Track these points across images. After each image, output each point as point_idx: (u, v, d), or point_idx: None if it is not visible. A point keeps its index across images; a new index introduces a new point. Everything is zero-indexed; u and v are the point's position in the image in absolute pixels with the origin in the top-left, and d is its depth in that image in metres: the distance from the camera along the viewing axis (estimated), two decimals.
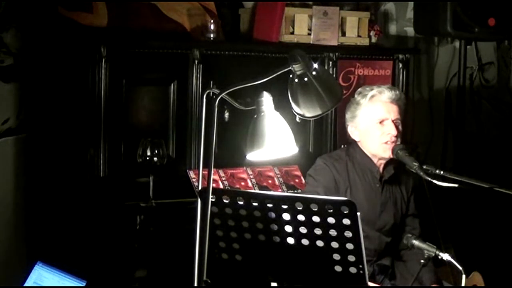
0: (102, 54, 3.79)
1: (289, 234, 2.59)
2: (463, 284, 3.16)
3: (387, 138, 3.53)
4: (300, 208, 2.53)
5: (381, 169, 3.61)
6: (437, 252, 3.19)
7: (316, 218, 2.52)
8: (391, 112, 3.55)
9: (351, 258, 2.54)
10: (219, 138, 3.95)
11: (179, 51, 4.01)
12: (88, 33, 3.94)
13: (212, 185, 2.59)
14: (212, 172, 2.61)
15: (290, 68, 2.64)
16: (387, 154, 3.54)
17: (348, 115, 3.63)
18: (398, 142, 3.55)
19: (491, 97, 5.48)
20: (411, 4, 5.01)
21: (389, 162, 3.61)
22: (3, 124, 4.05)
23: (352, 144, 3.66)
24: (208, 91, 2.71)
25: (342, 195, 3.49)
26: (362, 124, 3.58)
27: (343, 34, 4.48)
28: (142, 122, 3.96)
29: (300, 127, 4.05)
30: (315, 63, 2.67)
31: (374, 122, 3.55)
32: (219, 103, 2.59)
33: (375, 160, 3.60)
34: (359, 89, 3.65)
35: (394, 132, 3.52)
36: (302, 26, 4.37)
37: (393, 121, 3.54)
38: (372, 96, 3.56)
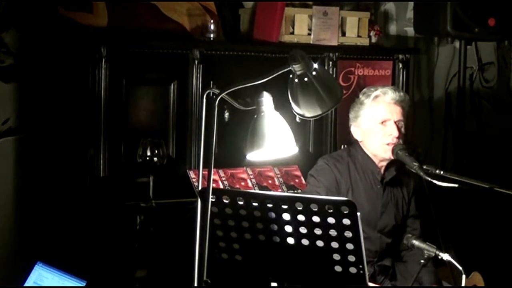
0: (102, 54, 3.79)
1: (289, 234, 2.59)
2: (463, 284, 3.16)
3: (388, 139, 3.52)
4: (300, 208, 2.53)
5: (382, 170, 3.61)
6: (437, 252, 3.19)
7: (316, 218, 2.52)
8: (394, 113, 3.53)
9: (351, 258, 2.54)
10: (219, 138, 3.95)
11: (179, 51, 4.01)
12: (88, 33, 3.94)
13: (212, 185, 2.59)
14: (212, 172, 2.61)
15: (290, 68, 2.64)
16: (388, 154, 3.53)
17: (351, 115, 3.62)
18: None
19: (491, 97, 5.48)
20: (411, 4, 5.01)
21: (391, 164, 3.60)
22: (3, 124, 4.05)
23: (353, 144, 3.66)
24: (208, 91, 2.71)
25: (343, 196, 3.48)
26: (364, 124, 3.57)
27: (343, 34, 4.48)
28: (142, 122, 3.97)
29: (300, 127, 4.05)
30: (315, 63, 2.66)
31: (376, 123, 3.54)
32: (219, 103, 2.59)
33: (376, 161, 3.59)
34: (364, 89, 3.64)
35: (395, 133, 3.51)
36: (302, 26, 4.37)
37: (395, 122, 3.52)
38: (376, 97, 3.55)
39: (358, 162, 3.60)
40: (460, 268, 3.13)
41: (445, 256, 3.17)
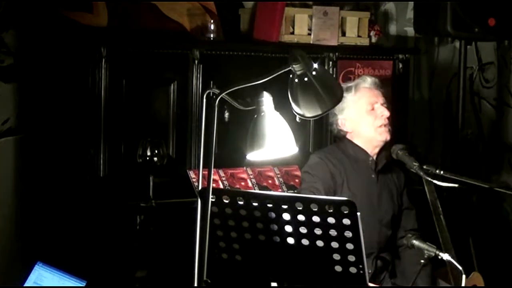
0: (102, 54, 3.79)
1: (289, 234, 2.59)
2: (463, 284, 3.16)
3: (381, 121, 3.59)
4: (300, 208, 2.53)
5: (374, 158, 3.63)
6: (437, 252, 3.19)
7: (316, 218, 2.52)
8: (378, 96, 3.63)
9: (351, 258, 2.54)
10: (219, 138, 3.95)
11: (179, 51, 4.01)
12: (88, 33, 3.94)
13: (212, 185, 2.59)
14: (212, 172, 2.61)
15: (290, 68, 2.64)
16: (384, 136, 3.59)
17: (335, 109, 3.60)
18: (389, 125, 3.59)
19: (491, 97, 5.47)
20: (411, 4, 5.01)
21: (379, 152, 3.63)
22: (3, 124, 4.05)
23: (341, 139, 3.69)
24: (208, 91, 2.71)
25: (339, 188, 3.53)
26: (352, 113, 3.62)
27: (343, 34, 4.48)
28: (142, 122, 3.96)
29: (300, 127, 4.05)
30: (315, 63, 2.67)
31: (365, 109, 3.60)
32: (219, 103, 2.59)
33: (369, 149, 3.62)
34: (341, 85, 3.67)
35: (386, 113, 3.60)
36: (302, 26, 4.37)
37: (381, 104, 3.59)
38: (356, 85, 3.64)
39: (349, 154, 3.64)
40: (460, 268, 3.13)
41: (445, 256, 3.17)
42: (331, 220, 2.51)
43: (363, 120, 3.60)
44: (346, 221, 2.50)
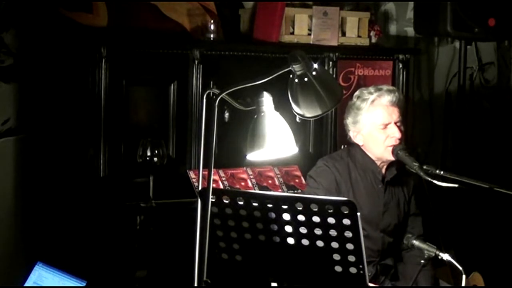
0: (102, 54, 3.79)
1: (289, 234, 2.59)
2: (463, 284, 3.16)
3: (391, 141, 3.50)
4: (300, 208, 2.53)
5: (383, 170, 3.60)
6: (437, 252, 3.19)
7: (316, 218, 2.52)
8: (393, 115, 3.51)
9: (351, 258, 2.54)
10: (219, 138, 3.95)
11: (179, 51, 4.01)
12: (88, 33, 3.94)
13: (212, 185, 2.59)
14: (212, 172, 2.61)
15: (290, 68, 2.64)
16: (392, 156, 3.52)
17: (349, 121, 3.59)
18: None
19: (491, 97, 5.48)
20: (411, 4, 5.01)
21: (391, 164, 3.60)
22: (3, 124, 4.05)
23: (353, 144, 3.64)
24: (208, 91, 2.71)
25: (344, 197, 3.47)
26: (365, 129, 3.55)
27: (343, 34, 4.48)
28: (142, 122, 3.97)
29: (300, 127, 4.05)
30: (315, 63, 2.67)
31: (377, 127, 3.52)
32: (219, 103, 2.60)
33: (378, 162, 3.58)
34: (357, 93, 3.61)
35: (398, 134, 3.49)
36: (302, 26, 4.37)
37: (395, 123, 3.51)
38: (373, 101, 3.53)
39: (358, 162, 3.59)
40: (460, 268, 3.13)
41: (445, 256, 3.17)
42: (331, 220, 2.51)
43: (374, 137, 3.53)
44: (346, 221, 2.50)
